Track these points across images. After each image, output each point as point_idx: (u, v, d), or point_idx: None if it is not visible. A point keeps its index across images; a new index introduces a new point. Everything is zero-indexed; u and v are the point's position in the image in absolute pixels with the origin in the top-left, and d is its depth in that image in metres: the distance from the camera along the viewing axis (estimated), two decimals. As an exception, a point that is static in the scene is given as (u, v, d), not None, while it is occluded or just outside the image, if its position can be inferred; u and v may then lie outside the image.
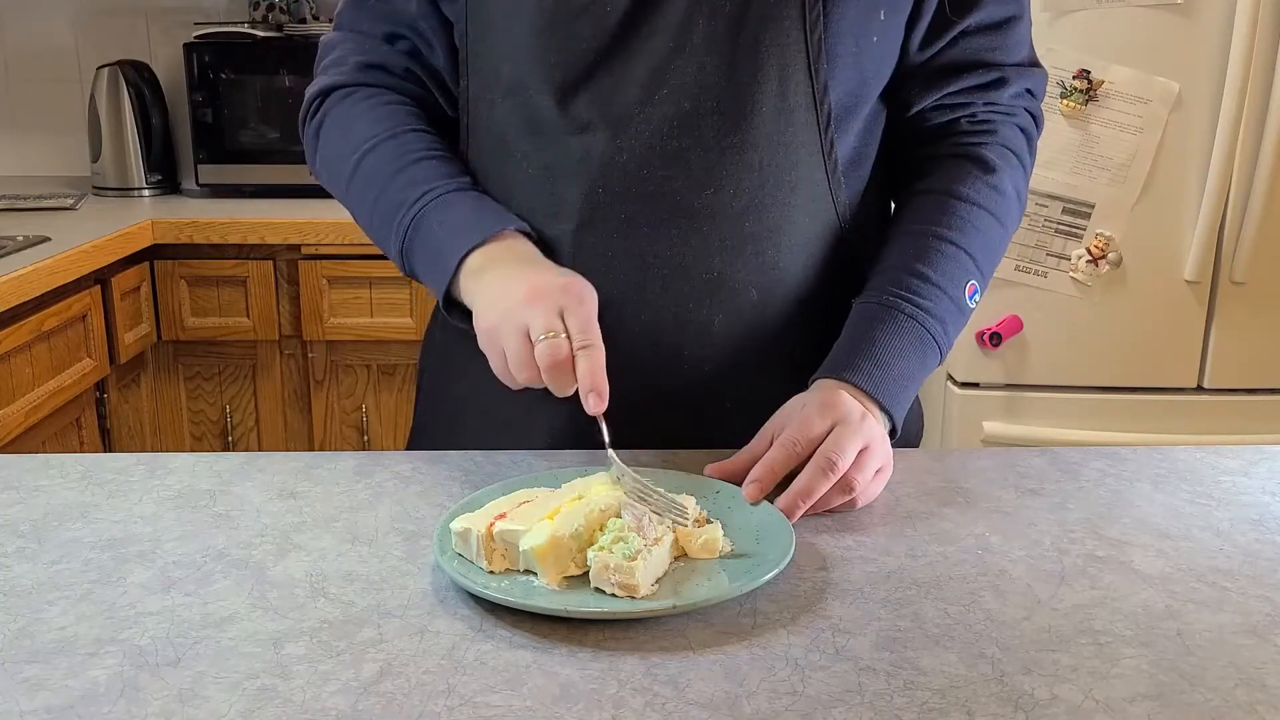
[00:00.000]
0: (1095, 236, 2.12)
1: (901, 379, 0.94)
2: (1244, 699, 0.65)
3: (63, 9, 2.89)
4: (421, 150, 1.00)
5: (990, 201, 1.01)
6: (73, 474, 0.96)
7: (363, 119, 1.03)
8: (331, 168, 1.05)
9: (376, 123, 1.02)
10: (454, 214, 0.96)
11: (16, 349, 1.91)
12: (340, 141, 1.04)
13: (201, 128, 2.64)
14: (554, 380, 0.86)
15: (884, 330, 0.95)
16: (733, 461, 0.91)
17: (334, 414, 2.51)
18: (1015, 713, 0.64)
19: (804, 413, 0.89)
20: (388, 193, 0.99)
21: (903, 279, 0.97)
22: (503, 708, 0.64)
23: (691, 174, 0.95)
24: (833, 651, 0.69)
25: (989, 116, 1.04)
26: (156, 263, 2.41)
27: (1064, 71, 2.06)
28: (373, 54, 1.05)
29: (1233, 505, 0.91)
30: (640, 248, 0.97)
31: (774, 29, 0.93)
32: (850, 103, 0.98)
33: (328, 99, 1.07)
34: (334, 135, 1.05)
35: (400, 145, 1.00)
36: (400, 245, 0.98)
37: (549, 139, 0.97)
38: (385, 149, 1.00)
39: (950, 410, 2.24)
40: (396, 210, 0.98)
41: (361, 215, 1.04)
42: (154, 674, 0.67)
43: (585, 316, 0.87)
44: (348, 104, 1.05)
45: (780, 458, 0.87)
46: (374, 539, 0.84)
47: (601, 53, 0.94)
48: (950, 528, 0.87)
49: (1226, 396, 2.21)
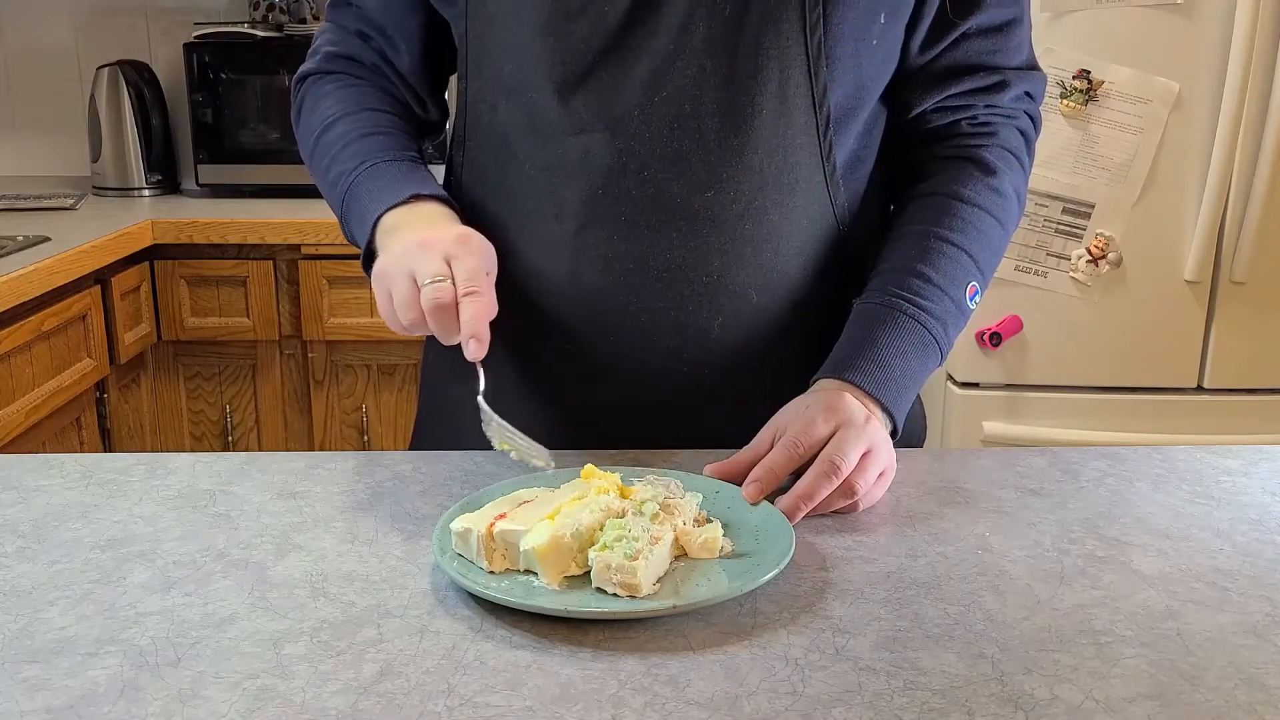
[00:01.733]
0: (1095, 236, 2.12)
1: (903, 380, 0.94)
2: (1244, 699, 0.65)
3: (63, 9, 2.89)
4: (370, 127, 1.04)
5: (991, 203, 1.02)
6: (73, 474, 0.96)
7: (327, 99, 1.08)
8: (302, 145, 1.11)
9: (338, 103, 1.07)
10: (380, 181, 0.99)
11: (16, 349, 1.91)
12: (308, 120, 1.09)
13: (201, 128, 2.64)
14: (437, 324, 0.88)
15: (885, 330, 0.95)
16: (732, 461, 0.91)
17: (334, 414, 2.51)
18: (1015, 713, 0.64)
19: (807, 414, 0.89)
20: (334, 165, 1.03)
21: (904, 279, 0.97)
22: (503, 708, 0.64)
23: (691, 176, 0.95)
24: (833, 651, 0.69)
25: (989, 119, 1.04)
26: (156, 263, 2.41)
27: (1064, 71, 2.06)
28: (345, 46, 1.11)
29: (1233, 505, 0.91)
30: (640, 249, 0.97)
31: (773, 31, 0.93)
32: (850, 105, 0.98)
33: (304, 83, 1.12)
34: (305, 115, 1.11)
35: (353, 122, 1.05)
36: (340, 212, 1.03)
37: (549, 139, 0.97)
38: (340, 126, 1.05)
39: (950, 410, 2.24)
40: (339, 180, 1.02)
41: (321, 188, 1.08)
42: (154, 674, 0.67)
43: (473, 266, 0.89)
44: (318, 87, 1.10)
45: (782, 459, 0.87)
46: (374, 539, 0.84)
47: (601, 53, 0.94)
48: (950, 528, 0.87)
49: (1226, 396, 2.21)
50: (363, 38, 1.09)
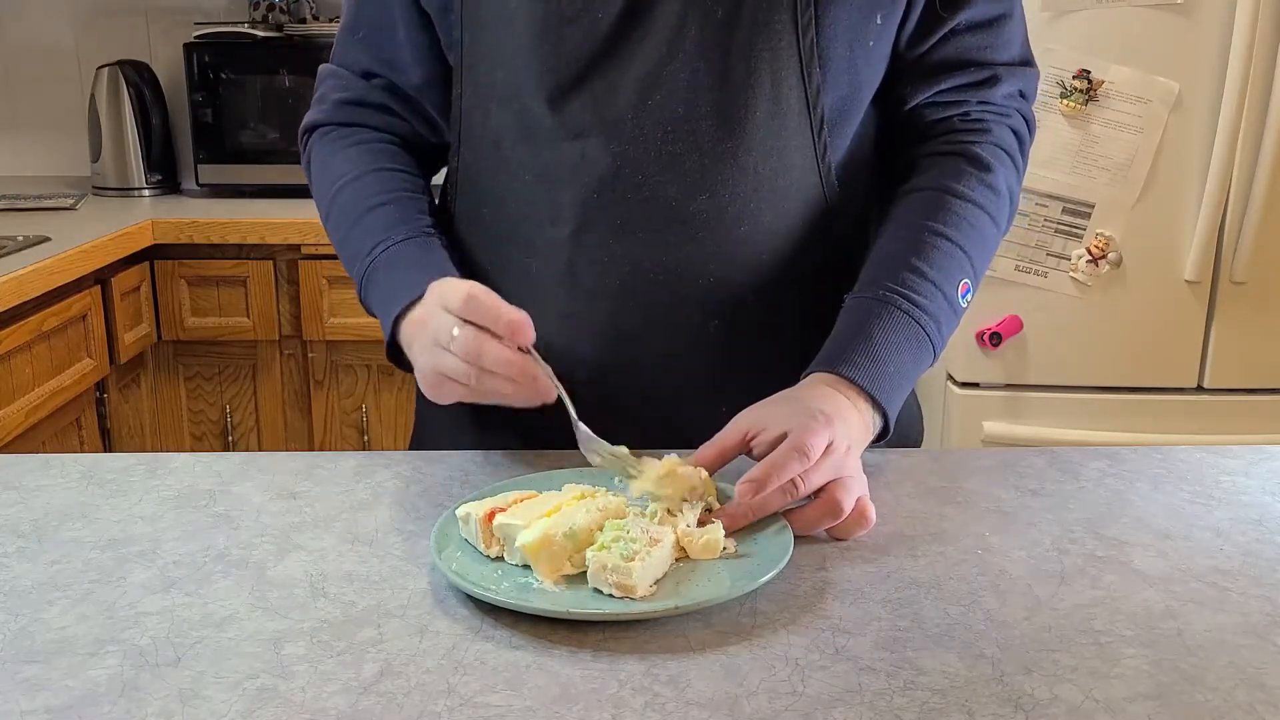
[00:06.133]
0: (1095, 236, 2.12)
1: (897, 376, 0.93)
2: (1244, 699, 0.65)
3: (63, 9, 2.89)
4: (380, 195, 1.03)
5: (986, 199, 1.01)
6: (73, 474, 0.96)
7: (335, 158, 1.07)
8: (317, 201, 1.10)
9: (346, 163, 1.06)
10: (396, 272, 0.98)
11: (16, 349, 1.91)
12: (319, 180, 1.09)
13: (201, 128, 2.64)
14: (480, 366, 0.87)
15: (879, 325, 0.93)
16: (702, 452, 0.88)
17: (334, 414, 2.51)
18: (1015, 713, 0.64)
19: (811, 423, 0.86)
20: (349, 239, 1.04)
21: (898, 273, 0.96)
22: (503, 708, 0.64)
23: (686, 179, 0.95)
24: (833, 651, 0.69)
25: (982, 115, 1.04)
26: (156, 263, 2.41)
27: (1064, 71, 2.06)
28: (351, 90, 1.09)
29: (1233, 505, 0.91)
30: (635, 253, 0.97)
31: (766, 34, 0.93)
32: (844, 106, 0.98)
33: (312, 135, 1.12)
34: (316, 173, 1.10)
35: (362, 189, 1.04)
36: (360, 293, 1.03)
37: (543, 145, 0.97)
38: (349, 192, 1.05)
39: (950, 410, 2.24)
40: (354, 259, 1.03)
41: (336, 249, 1.08)
42: (154, 674, 0.67)
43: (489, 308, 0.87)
44: (325, 142, 1.10)
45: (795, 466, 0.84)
46: (374, 539, 0.84)
47: (594, 58, 0.94)
48: (950, 528, 0.87)
49: (1226, 396, 2.21)
50: (367, 77, 1.08)
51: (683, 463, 0.86)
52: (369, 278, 1.01)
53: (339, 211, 1.05)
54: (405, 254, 1.00)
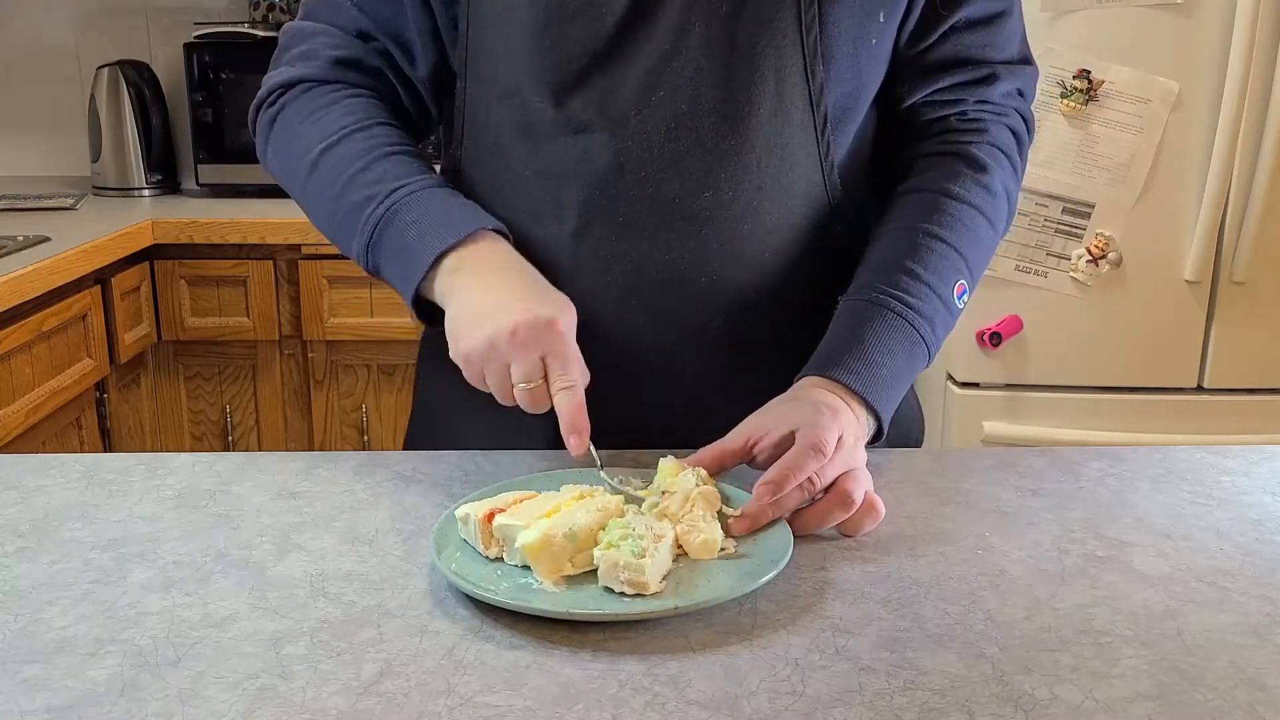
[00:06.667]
0: (1095, 236, 2.12)
1: (891, 379, 0.92)
2: (1244, 699, 0.65)
3: (63, 9, 2.89)
4: (390, 145, 0.98)
5: (982, 201, 1.01)
6: (73, 474, 0.96)
7: (330, 110, 1.00)
8: (289, 159, 1.02)
9: (345, 114, 1.00)
10: (428, 211, 0.94)
11: (16, 349, 1.91)
12: (302, 132, 1.01)
13: (201, 128, 2.64)
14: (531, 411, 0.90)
15: (873, 328, 0.93)
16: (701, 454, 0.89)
17: (334, 414, 2.51)
18: (1015, 713, 0.64)
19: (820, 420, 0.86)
20: (354, 186, 0.96)
21: (892, 276, 0.96)
22: (503, 708, 0.64)
23: (689, 176, 0.95)
24: (833, 651, 0.69)
25: (980, 115, 1.04)
26: (156, 263, 2.41)
27: (1064, 71, 2.06)
28: (346, 49, 1.02)
29: (1233, 505, 0.91)
30: (638, 250, 0.97)
31: (769, 31, 0.93)
32: (847, 105, 0.98)
33: (291, 90, 1.03)
34: (294, 125, 1.02)
35: (369, 138, 0.98)
36: (367, 240, 0.96)
37: (545, 141, 0.97)
38: (352, 141, 0.98)
39: (950, 410, 2.24)
40: (364, 205, 0.95)
41: (320, 208, 1.01)
42: (154, 674, 0.67)
43: (565, 356, 0.88)
44: (312, 95, 1.02)
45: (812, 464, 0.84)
46: (374, 539, 0.84)
47: (597, 55, 0.94)
48: (950, 528, 0.87)
49: (1226, 396, 2.21)
50: (364, 38, 1.02)
51: (682, 464, 0.86)
52: (387, 220, 0.94)
53: (339, 159, 0.98)
54: (438, 196, 0.95)
